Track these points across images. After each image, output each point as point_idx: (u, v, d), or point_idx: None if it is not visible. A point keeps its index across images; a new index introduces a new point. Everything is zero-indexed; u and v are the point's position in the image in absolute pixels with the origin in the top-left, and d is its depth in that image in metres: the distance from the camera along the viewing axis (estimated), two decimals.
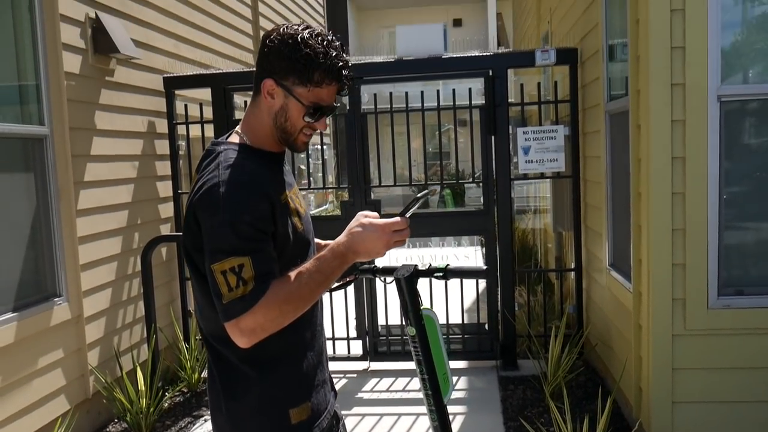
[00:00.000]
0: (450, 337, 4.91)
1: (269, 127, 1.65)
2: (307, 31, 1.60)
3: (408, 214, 1.64)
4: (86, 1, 4.04)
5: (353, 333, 5.03)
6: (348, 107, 4.83)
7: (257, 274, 1.47)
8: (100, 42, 4.11)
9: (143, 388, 3.97)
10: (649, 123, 2.99)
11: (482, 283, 4.92)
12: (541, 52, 4.63)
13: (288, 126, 1.63)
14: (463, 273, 1.94)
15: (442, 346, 2.04)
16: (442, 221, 4.87)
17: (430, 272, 1.93)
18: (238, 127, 1.71)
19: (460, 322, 4.96)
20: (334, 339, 4.97)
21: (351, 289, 4.85)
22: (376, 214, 1.62)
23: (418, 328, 1.98)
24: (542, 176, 4.88)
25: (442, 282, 4.68)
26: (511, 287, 4.77)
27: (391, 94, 4.78)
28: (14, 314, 3.38)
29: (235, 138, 1.68)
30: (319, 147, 9.17)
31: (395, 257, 5.25)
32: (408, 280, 1.92)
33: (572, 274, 4.85)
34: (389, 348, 4.96)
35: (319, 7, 11.49)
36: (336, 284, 1.98)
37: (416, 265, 1.95)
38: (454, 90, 4.74)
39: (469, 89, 4.72)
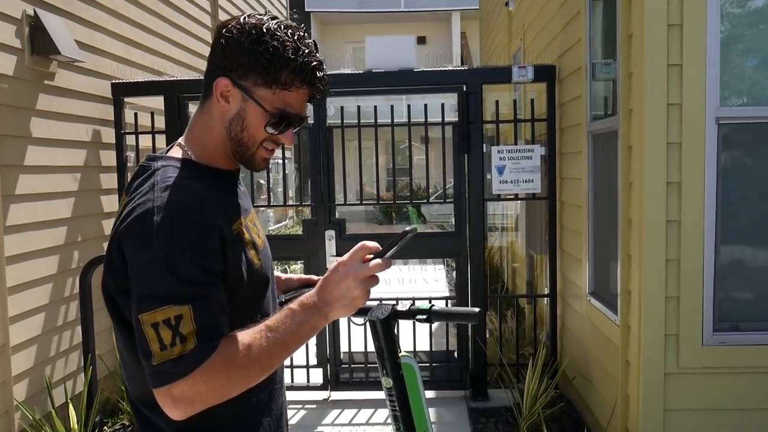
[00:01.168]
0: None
1: (221, 139, 1.33)
2: (274, 21, 1.28)
3: (389, 255, 1.34)
4: None
5: (313, 360, 4.68)
6: (312, 120, 4.52)
7: (200, 328, 1.14)
8: (39, 42, 3.71)
9: (75, 424, 3.55)
10: (643, 145, 2.77)
11: (451, 303, 4.65)
12: (518, 68, 4.41)
13: (245, 137, 1.31)
14: (451, 316, 1.63)
15: (422, 398, 1.73)
16: (412, 243, 4.58)
17: (411, 314, 1.62)
18: (181, 138, 1.38)
19: (427, 349, 4.67)
20: (292, 366, 4.62)
21: None
22: (364, 247, 1.31)
23: (395, 378, 1.67)
24: (516, 197, 4.65)
25: (406, 303, 4.43)
26: (482, 313, 4.50)
27: (358, 107, 4.50)
28: None
29: (176, 152, 1.34)
30: (280, 161, 8.82)
31: None
32: (384, 322, 1.61)
33: (546, 299, 4.62)
34: (351, 376, 4.63)
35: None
36: None
37: (394, 305, 1.64)
38: (426, 105, 4.47)
39: (442, 105, 4.47)
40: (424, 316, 1.61)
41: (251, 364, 1.18)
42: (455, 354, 4.61)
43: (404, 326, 4.46)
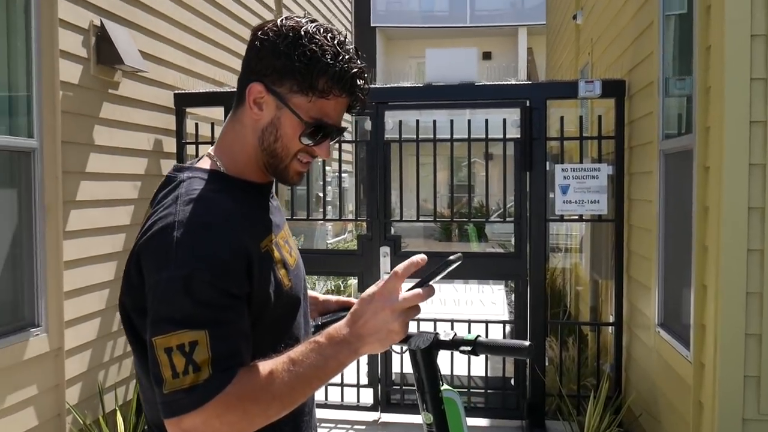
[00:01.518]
0: (471, 390, 4.42)
1: (253, 149, 1.23)
2: (313, 24, 1.18)
3: (434, 282, 1.21)
4: (91, 7, 3.72)
5: (364, 379, 4.56)
6: (370, 134, 4.44)
7: (215, 356, 1.04)
8: (104, 52, 3.78)
9: (122, 430, 3.54)
10: (722, 166, 2.54)
11: (508, 329, 4.46)
12: (585, 83, 4.21)
13: (278, 148, 1.21)
14: (498, 349, 1.48)
15: None
16: (470, 263, 4.43)
17: (455, 344, 1.48)
18: (211, 148, 1.30)
19: (483, 374, 4.47)
20: (342, 385, 4.51)
21: None
22: (396, 275, 1.18)
23: (436, 414, 1.52)
24: (580, 218, 4.42)
25: (464, 324, 4.25)
26: (541, 339, 4.28)
27: (417, 122, 4.39)
28: None
29: (205, 163, 1.26)
30: (337, 174, 8.81)
31: None
32: (425, 352, 1.47)
33: (610, 328, 4.36)
34: (403, 398, 4.48)
35: (347, 33, 11.24)
36: None
37: (437, 334, 1.51)
38: (486, 120, 4.32)
39: (504, 120, 4.30)
40: (469, 348, 1.47)
41: (271, 399, 1.07)
42: (512, 381, 4.40)
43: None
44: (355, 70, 1.19)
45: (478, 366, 4.38)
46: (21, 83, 3.32)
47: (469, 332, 1.58)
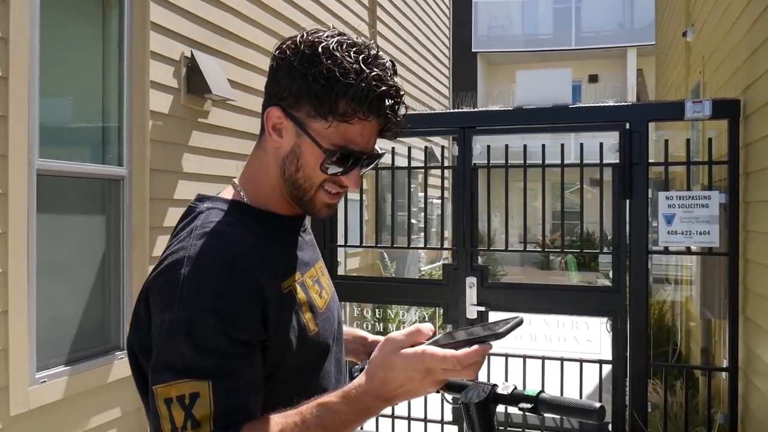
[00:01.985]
0: None
1: (276, 179, 1.12)
2: (335, 39, 1.05)
3: (489, 340, 1.03)
4: (183, 39, 3.85)
5: (448, 416, 4.34)
6: (456, 160, 4.28)
7: (218, 412, 0.93)
8: (194, 82, 3.89)
9: None
10: None
11: (606, 368, 4.10)
12: (692, 103, 3.85)
13: (301, 179, 1.09)
14: (563, 409, 1.27)
15: None
16: (562, 297, 4.14)
17: (514, 399, 1.29)
18: (237, 177, 1.21)
19: (602, 404, 4.12)
20: (426, 420, 4.31)
21: None
22: (414, 330, 1.03)
23: None
24: (688, 251, 4.02)
25: (556, 363, 3.94)
26: (643, 382, 3.90)
27: (506, 147, 4.18)
28: (67, 367, 3.08)
29: (228, 192, 1.16)
30: (432, 200, 8.65)
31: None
32: (480, 407, 1.30)
33: (724, 374, 3.90)
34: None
35: (444, 58, 11.19)
36: None
37: (494, 386, 1.32)
38: (582, 145, 4.05)
39: (600, 144, 4.01)
40: (529, 405, 1.28)
41: None
42: (609, 427, 4.03)
43: (553, 378, 3.99)
44: (384, 89, 1.05)
45: None
46: (113, 113, 3.46)
47: (560, 374, 1.39)
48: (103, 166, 3.36)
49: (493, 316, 4.21)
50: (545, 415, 1.29)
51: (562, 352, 4.08)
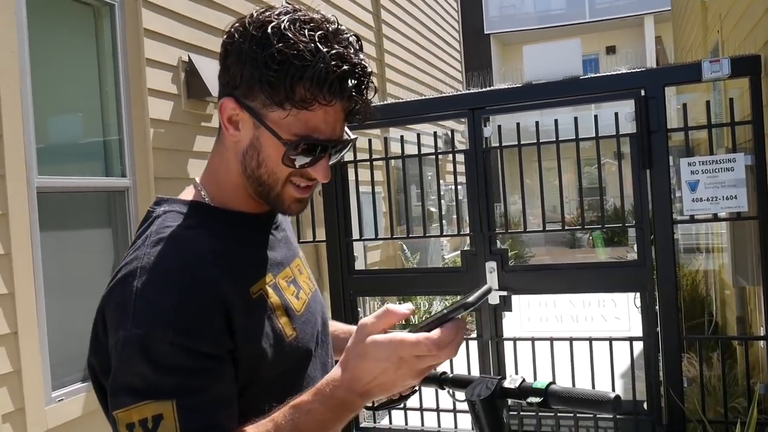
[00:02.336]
0: (598, 416, 3.96)
1: (239, 176, 1.03)
2: (287, 17, 0.95)
3: (458, 314, 0.94)
4: (179, 44, 3.80)
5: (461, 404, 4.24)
6: (468, 143, 4.17)
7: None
8: (194, 86, 3.84)
9: None
10: None
11: (637, 345, 3.96)
12: (709, 63, 3.67)
13: (263, 174, 1.00)
14: (575, 401, 1.17)
15: None
16: (585, 274, 4.00)
17: (522, 393, 1.20)
18: (198, 176, 1.13)
19: (618, 393, 3.99)
20: (438, 410, 4.21)
21: (473, 349, 4.10)
22: (383, 313, 0.93)
23: None
24: (715, 218, 3.85)
25: (585, 343, 3.82)
26: (676, 357, 3.75)
27: (518, 125, 4.05)
28: (84, 384, 3.06)
29: (188, 193, 1.07)
30: (449, 187, 8.50)
31: (522, 314, 4.42)
32: (487, 403, 1.21)
33: (762, 342, 3.74)
34: (522, 427, 4.12)
35: (455, 42, 11.02)
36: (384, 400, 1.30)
37: (501, 380, 1.23)
38: (596, 116, 3.90)
39: (615, 114, 3.86)
40: (538, 399, 1.18)
41: None
42: (644, 406, 3.89)
43: (582, 367, 3.87)
44: (345, 68, 0.96)
45: (604, 387, 3.91)
46: (112, 124, 3.42)
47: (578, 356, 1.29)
48: (105, 178, 3.33)
49: (517, 301, 4.10)
50: (555, 408, 1.18)
51: (590, 331, 3.95)
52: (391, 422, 4.37)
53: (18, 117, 2.77)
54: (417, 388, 1.18)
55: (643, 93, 3.79)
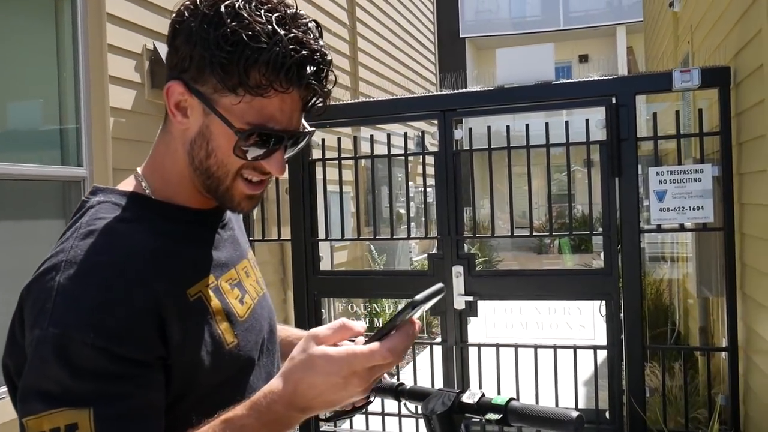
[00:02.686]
0: None
1: (185, 167, 0.95)
2: None
3: (399, 325, 0.88)
4: (144, 31, 3.66)
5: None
6: (438, 145, 4.11)
7: None
8: (159, 75, 3.71)
9: None
10: None
11: (601, 354, 3.95)
12: (680, 73, 3.68)
13: (213, 166, 0.93)
14: (535, 419, 1.11)
15: None
16: (552, 281, 3.98)
17: (480, 409, 1.14)
18: (141, 166, 1.04)
19: (572, 405, 3.98)
20: (383, 414, 4.16)
21: (437, 354, 4.05)
22: (339, 326, 0.87)
23: None
24: (682, 228, 3.86)
25: (549, 351, 3.79)
26: (639, 366, 3.75)
27: (489, 128, 4.01)
28: None
29: (128, 184, 0.99)
30: (421, 189, 8.46)
31: (487, 319, 4.39)
32: (444, 418, 1.15)
33: (723, 354, 3.76)
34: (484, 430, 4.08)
35: (430, 44, 10.99)
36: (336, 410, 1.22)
37: (459, 393, 1.17)
38: (567, 123, 3.89)
39: (586, 121, 3.85)
40: (497, 416, 1.12)
41: None
42: (606, 414, 3.89)
43: (545, 378, 3.85)
44: (304, 53, 0.88)
45: (567, 395, 3.90)
46: (69, 112, 3.29)
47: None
48: (60, 167, 3.19)
49: (483, 306, 4.06)
50: (515, 425, 1.12)
51: (555, 339, 3.93)
52: (351, 426, 4.29)
53: None
54: (371, 399, 1.12)
55: (614, 101, 3.79)
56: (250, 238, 4.55)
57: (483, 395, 1.15)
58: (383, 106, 4.36)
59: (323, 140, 4.19)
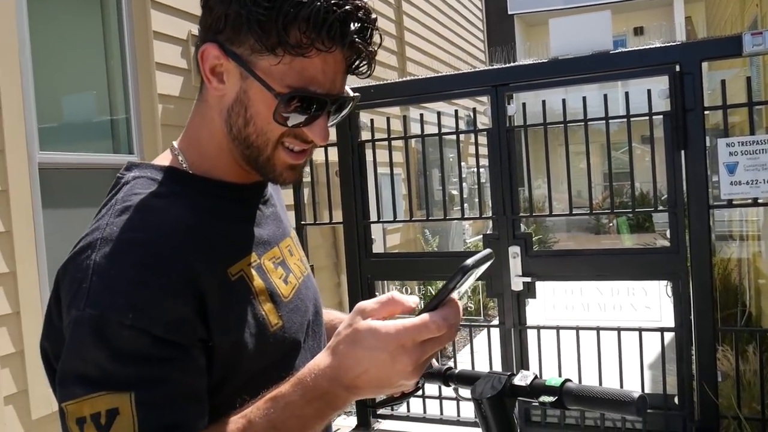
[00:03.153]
0: None
1: (223, 137, 0.89)
2: None
3: (457, 295, 0.81)
4: (189, 17, 3.64)
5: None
6: (491, 122, 3.97)
7: (144, 430, 0.72)
8: None
9: None
10: None
11: (668, 336, 3.76)
12: (751, 36, 3.43)
13: (252, 134, 0.86)
14: (594, 401, 1.01)
15: None
16: (613, 261, 3.79)
17: (533, 391, 1.05)
18: (177, 140, 0.98)
19: (638, 387, 3.81)
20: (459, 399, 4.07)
21: (495, 337, 3.94)
22: (387, 299, 0.79)
23: None
24: (755, 202, 3.62)
25: (613, 333, 3.63)
26: (711, 350, 3.56)
27: (543, 103, 3.84)
28: None
29: (164, 158, 0.93)
30: (474, 169, 8.28)
31: (546, 301, 4.23)
32: (495, 402, 1.06)
33: None
34: (545, 416, 3.96)
35: (478, 21, 10.75)
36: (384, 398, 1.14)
37: (511, 376, 1.08)
38: (627, 93, 3.69)
39: (648, 91, 3.64)
40: (552, 398, 1.02)
41: None
42: (675, 400, 3.71)
43: (611, 350, 3.69)
44: (348, 8, 0.81)
45: (632, 379, 3.74)
46: (118, 99, 3.31)
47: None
48: (111, 155, 3.21)
49: (541, 287, 3.92)
50: (572, 408, 1.02)
51: (618, 321, 3.76)
52: (408, 410, 4.24)
53: (17, 90, 2.65)
54: (420, 385, 1.04)
55: (678, 68, 3.57)
56: (302, 222, 4.52)
57: (536, 377, 1.05)
58: (432, 84, 4.24)
59: (372, 121, 4.10)
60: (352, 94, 0.90)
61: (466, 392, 1.17)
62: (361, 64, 0.87)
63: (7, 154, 2.60)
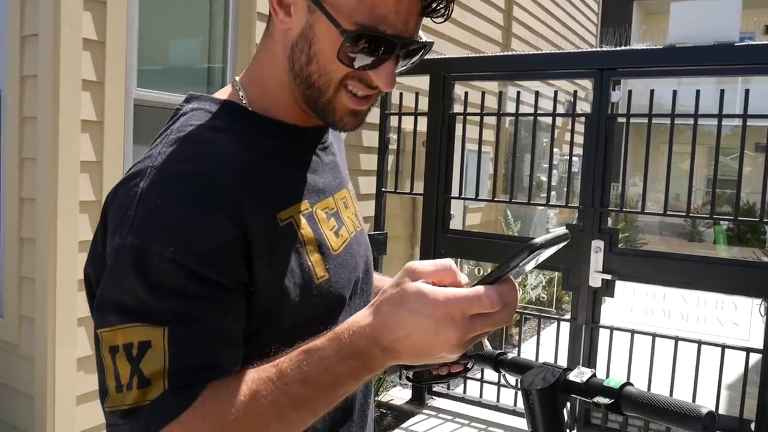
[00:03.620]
0: None
1: (286, 74, 0.84)
2: None
3: (512, 273, 0.72)
4: None
5: None
6: (591, 107, 3.76)
7: (174, 368, 0.70)
8: None
9: None
10: None
11: (754, 357, 3.49)
12: None
13: (314, 73, 0.81)
14: (655, 410, 0.91)
15: None
16: (705, 269, 3.53)
17: (589, 390, 0.97)
18: (240, 75, 0.94)
19: (712, 407, 3.56)
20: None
21: (564, 332, 3.78)
22: (442, 266, 0.73)
23: None
24: None
25: (693, 345, 3.41)
26: None
27: (652, 92, 3.59)
28: None
29: (225, 92, 0.89)
30: (566, 157, 7.95)
31: (624, 302, 4.02)
32: (545, 395, 0.99)
33: None
34: (606, 420, 3.79)
35: (593, 4, 10.24)
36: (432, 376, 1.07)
37: (566, 371, 1.00)
38: (747, 91, 3.39)
39: None
40: (608, 400, 0.94)
41: (255, 428, 0.70)
42: (752, 426, 3.45)
43: (687, 363, 3.47)
44: None
45: (707, 397, 3.50)
46: (217, 46, 3.35)
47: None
48: None
49: (621, 286, 3.71)
50: (629, 414, 0.93)
51: (700, 334, 3.52)
52: (465, 392, 4.18)
53: (122, 28, 2.72)
54: (470, 366, 0.97)
55: None
56: (382, 189, 4.49)
57: (594, 375, 0.97)
58: (533, 61, 4.05)
59: (466, 94, 3.98)
60: (424, 39, 0.82)
61: (512, 380, 1.10)
62: (439, 5, 0.79)
63: (106, 87, 2.68)
